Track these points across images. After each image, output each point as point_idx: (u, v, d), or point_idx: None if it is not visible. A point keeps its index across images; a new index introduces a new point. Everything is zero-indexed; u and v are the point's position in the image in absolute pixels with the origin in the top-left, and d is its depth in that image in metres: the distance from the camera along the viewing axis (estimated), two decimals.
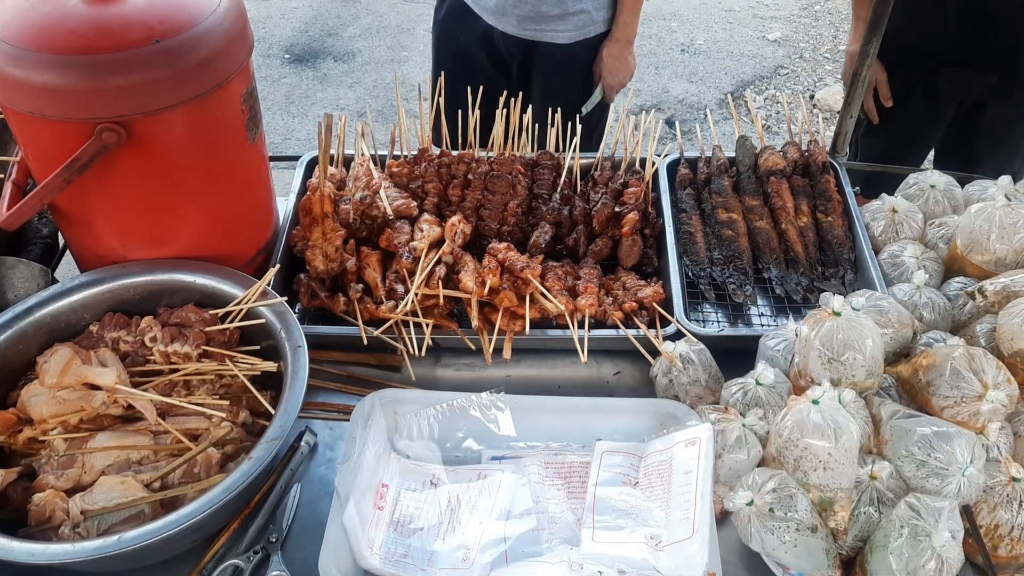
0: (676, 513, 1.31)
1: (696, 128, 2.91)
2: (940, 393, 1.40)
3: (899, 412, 1.41)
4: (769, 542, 1.27)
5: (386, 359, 1.68)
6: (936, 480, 1.32)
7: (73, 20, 1.37)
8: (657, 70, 5.16)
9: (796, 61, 5.27)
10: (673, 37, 5.50)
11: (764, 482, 1.29)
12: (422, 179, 1.94)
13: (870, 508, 1.33)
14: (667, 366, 1.56)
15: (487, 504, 1.36)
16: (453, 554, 1.30)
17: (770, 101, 4.86)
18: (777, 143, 2.15)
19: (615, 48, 2.44)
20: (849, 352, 1.41)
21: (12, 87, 1.37)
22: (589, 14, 2.38)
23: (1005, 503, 1.33)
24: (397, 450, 1.46)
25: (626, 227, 1.83)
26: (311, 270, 1.72)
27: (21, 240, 1.80)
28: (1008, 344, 1.48)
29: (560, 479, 1.41)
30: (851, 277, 1.83)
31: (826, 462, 1.29)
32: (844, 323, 1.41)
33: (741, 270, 1.83)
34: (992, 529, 1.33)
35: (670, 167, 2.06)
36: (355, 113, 4.77)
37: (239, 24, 1.51)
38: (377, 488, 1.38)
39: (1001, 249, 1.68)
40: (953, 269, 1.77)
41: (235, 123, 1.56)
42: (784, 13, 5.80)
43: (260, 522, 1.38)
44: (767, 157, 2.03)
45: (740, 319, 1.78)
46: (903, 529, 1.24)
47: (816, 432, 1.29)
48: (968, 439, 1.33)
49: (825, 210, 1.94)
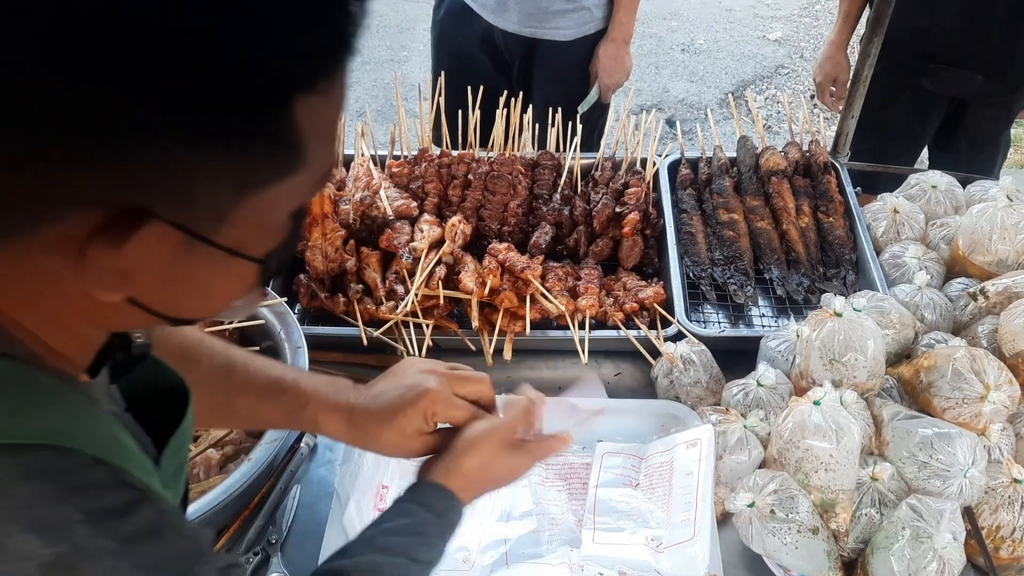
0: (677, 514, 1.31)
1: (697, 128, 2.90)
2: (942, 394, 1.39)
3: (901, 413, 1.40)
4: (770, 544, 1.26)
5: (386, 360, 1.67)
6: (938, 481, 1.31)
7: None
8: (657, 70, 5.15)
9: (797, 61, 5.27)
10: (673, 37, 5.49)
11: (765, 483, 1.29)
12: (422, 179, 1.93)
13: (871, 509, 1.32)
14: (668, 367, 1.56)
15: (487, 505, 1.36)
16: (453, 556, 1.30)
17: (771, 101, 4.86)
18: (778, 143, 2.14)
19: (611, 47, 2.43)
20: (850, 353, 1.40)
21: None
22: (590, 11, 2.38)
23: (1007, 504, 1.32)
24: None
25: (627, 227, 1.83)
26: (311, 270, 1.72)
27: None
28: (1010, 345, 1.48)
29: (560, 480, 1.41)
30: (852, 278, 1.83)
31: (827, 463, 1.29)
32: (845, 324, 1.41)
33: (742, 271, 1.82)
34: (994, 531, 1.33)
35: (671, 167, 2.06)
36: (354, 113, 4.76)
37: None
38: (377, 489, 1.37)
39: (1003, 250, 1.67)
40: (955, 270, 1.77)
41: None
42: (785, 13, 5.80)
43: (260, 523, 1.37)
44: (768, 157, 2.02)
45: (741, 320, 1.78)
46: (904, 531, 1.23)
47: (817, 433, 1.29)
48: (970, 440, 1.32)
49: (826, 210, 1.94)
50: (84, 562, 0.52)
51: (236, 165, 0.51)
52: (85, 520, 0.53)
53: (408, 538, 0.87)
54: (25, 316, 0.57)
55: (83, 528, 0.52)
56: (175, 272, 0.54)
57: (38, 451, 0.53)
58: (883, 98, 2.40)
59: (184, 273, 0.55)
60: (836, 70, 2.51)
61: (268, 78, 0.49)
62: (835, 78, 2.51)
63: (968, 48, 2.30)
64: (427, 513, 0.90)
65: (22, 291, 0.55)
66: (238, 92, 0.48)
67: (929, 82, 2.40)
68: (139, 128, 0.47)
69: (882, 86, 2.36)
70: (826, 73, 2.53)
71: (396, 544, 0.86)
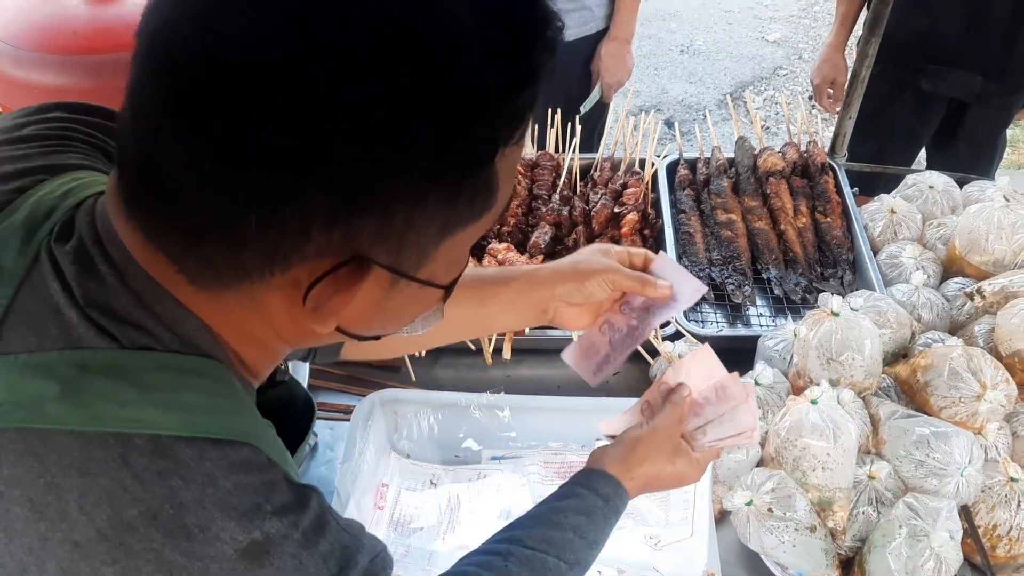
0: (675, 513, 1.31)
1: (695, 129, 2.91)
2: (938, 393, 1.40)
3: (897, 412, 1.41)
4: (768, 542, 1.27)
5: (386, 359, 1.68)
6: (934, 480, 1.32)
7: (74, 20, 1.37)
8: (656, 71, 5.16)
9: (795, 62, 5.27)
10: (672, 38, 5.50)
11: (763, 482, 1.30)
12: None
13: (868, 508, 1.33)
14: (666, 366, 1.56)
15: (487, 504, 1.37)
16: (453, 554, 1.30)
17: (769, 102, 4.86)
18: (776, 144, 2.15)
19: (613, 46, 2.44)
20: (848, 352, 1.41)
21: (13, 88, 1.37)
22: (591, 10, 2.38)
23: (1003, 503, 1.33)
24: (397, 450, 1.46)
25: (625, 228, 1.83)
26: None
27: None
28: (1006, 344, 1.48)
29: (560, 479, 1.41)
30: (850, 278, 1.83)
31: (825, 462, 1.29)
32: (843, 323, 1.42)
33: (740, 270, 1.83)
34: (990, 529, 1.34)
35: (669, 168, 2.06)
36: None
37: None
38: (377, 488, 1.38)
39: (999, 250, 1.68)
40: (952, 270, 1.77)
41: None
42: (783, 14, 5.80)
43: None
44: (766, 158, 2.03)
45: (739, 319, 1.79)
46: (901, 529, 1.24)
47: (815, 432, 1.29)
48: (966, 439, 1.33)
49: (824, 211, 1.95)
50: (273, 550, 0.57)
51: (446, 215, 0.58)
52: (274, 513, 0.58)
53: (578, 517, 0.92)
54: (228, 331, 0.63)
55: (273, 519, 0.58)
56: (379, 303, 0.62)
57: (239, 448, 0.59)
58: (883, 100, 2.41)
59: (386, 303, 0.62)
60: (834, 72, 2.51)
61: (490, 141, 0.56)
62: (833, 80, 2.52)
63: (967, 49, 2.30)
64: (595, 497, 0.95)
65: (232, 315, 0.62)
66: (467, 156, 0.55)
67: (928, 83, 2.41)
68: (385, 192, 0.54)
69: (881, 88, 2.37)
70: (824, 75, 2.53)
71: (567, 522, 0.92)
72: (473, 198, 0.58)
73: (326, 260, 0.56)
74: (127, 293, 0.59)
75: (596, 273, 1.01)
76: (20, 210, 0.64)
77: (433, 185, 0.55)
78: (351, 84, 0.50)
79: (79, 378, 0.57)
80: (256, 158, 0.51)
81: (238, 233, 0.54)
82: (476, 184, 0.57)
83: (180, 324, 0.60)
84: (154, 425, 0.56)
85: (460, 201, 0.57)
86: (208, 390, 0.61)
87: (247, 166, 0.51)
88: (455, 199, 0.57)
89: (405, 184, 0.54)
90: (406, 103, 0.51)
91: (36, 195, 0.65)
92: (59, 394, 0.56)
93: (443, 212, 0.57)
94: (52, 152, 0.70)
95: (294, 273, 0.56)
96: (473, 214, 0.60)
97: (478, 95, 0.54)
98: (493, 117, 0.55)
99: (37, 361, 0.57)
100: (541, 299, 1.03)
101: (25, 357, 0.57)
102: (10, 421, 0.55)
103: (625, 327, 1.04)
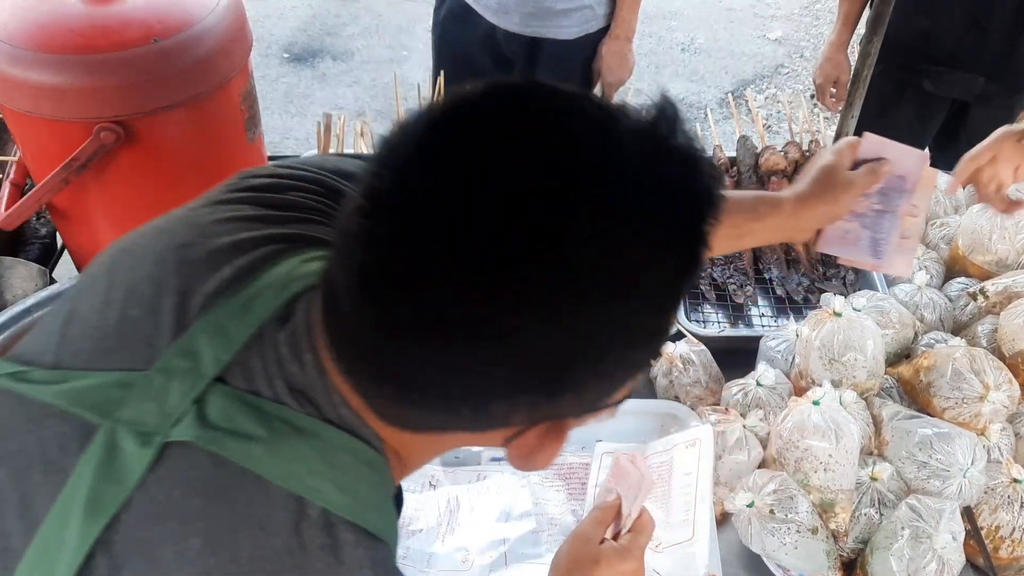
0: (676, 515, 1.31)
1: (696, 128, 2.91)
2: (941, 394, 1.39)
3: (900, 413, 1.40)
4: (770, 544, 1.26)
5: None
6: (937, 481, 1.31)
7: (72, 19, 1.37)
8: (657, 69, 5.15)
9: (797, 60, 5.26)
10: (673, 36, 5.49)
11: (765, 483, 1.29)
12: None
13: (871, 509, 1.32)
14: (667, 367, 1.56)
15: (486, 505, 1.36)
16: (452, 556, 1.30)
17: (771, 100, 4.85)
18: (778, 143, 2.14)
19: (614, 45, 2.43)
20: (850, 353, 1.40)
21: (10, 86, 1.36)
22: (592, 9, 2.37)
23: (1006, 505, 1.32)
24: None
25: None
26: None
27: (19, 240, 1.80)
28: (1010, 345, 1.48)
29: (560, 480, 1.41)
30: (852, 278, 1.83)
31: (827, 463, 1.29)
32: (845, 324, 1.41)
33: (741, 270, 1.82)
34: (993, 531, 1.33)
35: None
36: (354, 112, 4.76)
37: (238, 23, 1.50)
38: None
39: (1003, 249, 1.67)
40: (955, 270, 1.76)
41: (234, 123, 1.55)
42: (785, 12, 5.79)
43: None
44: (768, 157, 2.02)
45: (741, 320, 1.78)
46: (904, 531, 1.23)
47: (817, 433, 1.29)
48: (969, 440, 1.32)
49: None
50: None
51: (630, 375, 0.62)
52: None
53: None
54: (397, 443, 0.66)
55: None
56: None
57: (383, 545, 0.64)
58: (885, 100, 2.40)
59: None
60: (836, 71, 2.50)
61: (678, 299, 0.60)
62: (835, 79, 2.51)
63: (969, 51, 2.29)
64: None
65: (405, 437, 0.65)
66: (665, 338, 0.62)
67: (930, 84, 2.40)
68: (606, 375, 0.59)
69: (883, 89, 2.36)
70: (826, 74, 2.52)
71: None
72: (651, 348, 0.63)
73: (525, 418, 0.60)
74: (324, 389, 0.62)
75: (843, 194, 1.08)
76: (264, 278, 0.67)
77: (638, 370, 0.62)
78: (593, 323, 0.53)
79: (285, 433, 0.61)
80: (493, 367, 0.54)
81: (443, 413, 0.59)
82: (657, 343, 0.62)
83: (360, 429, 0.63)
84: (329, 501, 0.60)
85: (641, 356, 0.62)
86: (376, 487, 0.64)
87: (478, 371, 0.54)
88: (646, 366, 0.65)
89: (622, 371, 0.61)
90: (633, 347, 0.58)
91: (281, 266, 0.68)
92: (266, 440, 0.60)
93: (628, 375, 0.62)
94: (308, 222, 0.73)
95: (494, 433, 0.62)
96: (650, 358, 0.65)
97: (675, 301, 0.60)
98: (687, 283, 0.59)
99: (252, 402, 0.61)
100: (795, 231, 1.11)
101: (241, 395, 0.61)
102: (221, 448, 0.60)
103: (870, 211, 1.13)
